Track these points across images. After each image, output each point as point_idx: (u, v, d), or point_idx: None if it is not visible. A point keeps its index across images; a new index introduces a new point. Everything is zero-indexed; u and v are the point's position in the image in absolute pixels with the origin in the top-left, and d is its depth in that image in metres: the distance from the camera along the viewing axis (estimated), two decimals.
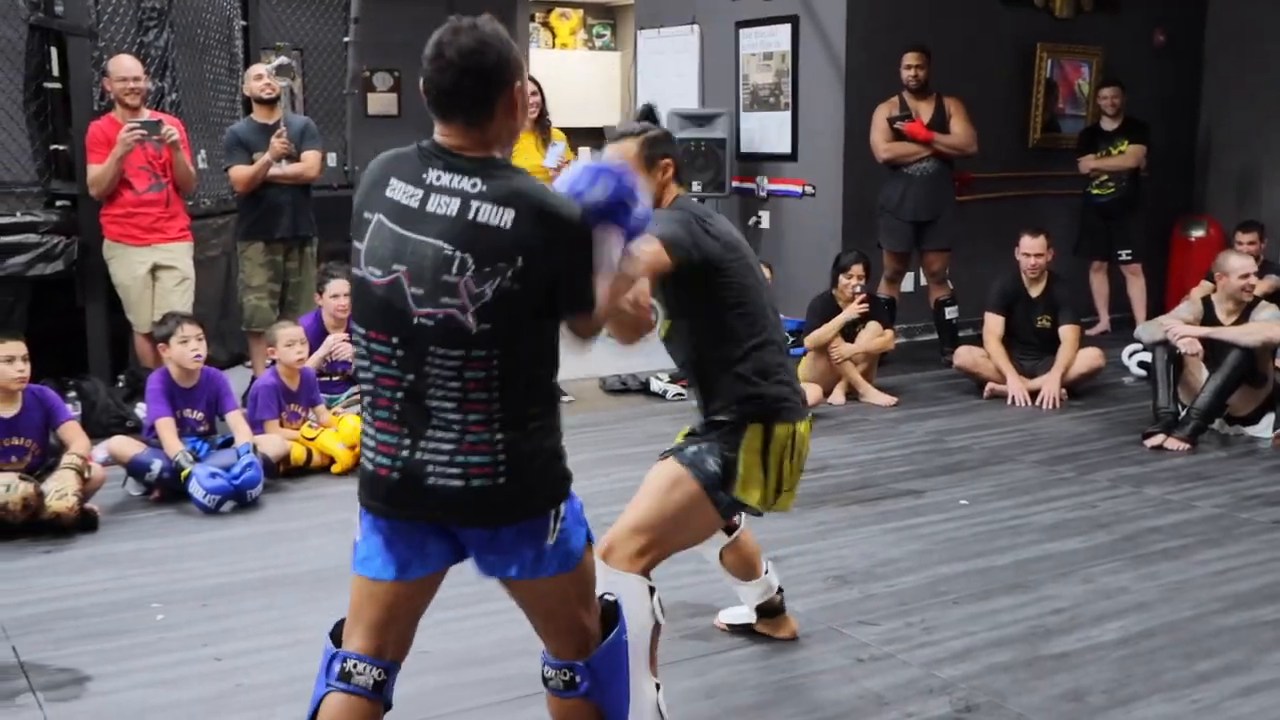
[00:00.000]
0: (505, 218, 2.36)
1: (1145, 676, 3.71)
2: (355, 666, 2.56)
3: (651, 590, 3.25)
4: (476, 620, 4.06)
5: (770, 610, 3.97)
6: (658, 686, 3.21)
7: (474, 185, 2.39)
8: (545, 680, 2.70)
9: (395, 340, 2.42)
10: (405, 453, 2.44)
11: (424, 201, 2.41)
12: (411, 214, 2.41)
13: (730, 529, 3.79)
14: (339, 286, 6.52)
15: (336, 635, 2.65)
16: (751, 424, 3.29)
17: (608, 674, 2.68)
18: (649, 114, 3.56)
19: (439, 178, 2.42)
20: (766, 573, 3.90)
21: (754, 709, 3.54)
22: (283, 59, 7.24)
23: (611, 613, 2.73)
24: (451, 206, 2.38)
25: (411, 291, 2.39)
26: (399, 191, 2.44)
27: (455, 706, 3.53)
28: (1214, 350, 6.47)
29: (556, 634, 2.66)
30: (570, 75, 13.96)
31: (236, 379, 6.72)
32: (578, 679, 2.65)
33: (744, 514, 3.68)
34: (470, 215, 2.37)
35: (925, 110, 8.23)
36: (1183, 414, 6.47)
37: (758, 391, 3.30)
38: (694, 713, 3.49)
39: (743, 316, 3.31)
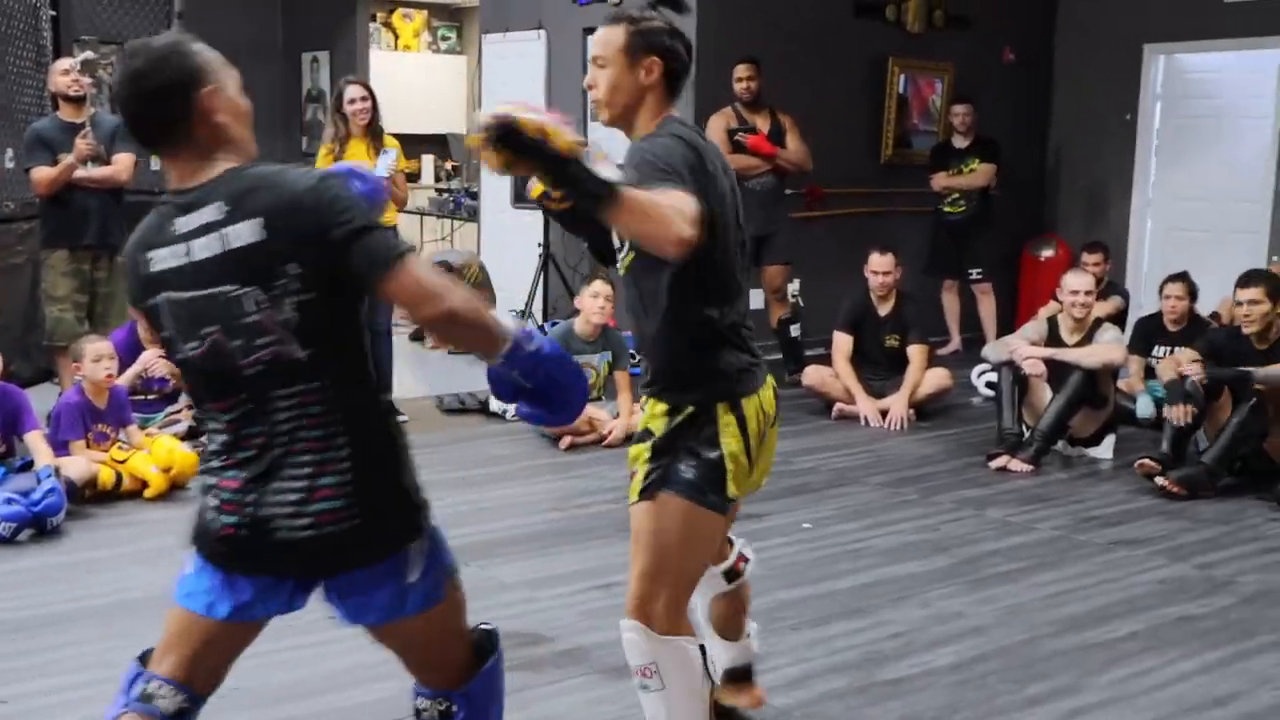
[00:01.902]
0: (255, 228, 2.28)
1: (976, 701, 3.84)
2: (159, 689, 2.48)
3: (702, 649, 3.06)
4: (300, 651, 4.02)
5: (739, 675, 3.65)
6: None
7: (218, 210, 2.31)
8: (419, 712, 2.66)
9: (238, 399, 2.38)
10: (250, 508, 2.37)
11: (189, 253, 2.33)
12: (188, 271, 2.33)
13: (732, 574, 3.49)
14: None
15: (145, 658, 2.57)
16: (719, 404, 2.96)
17: (484, 702, 2.67)
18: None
19: (187, 223, 2.34)
20: (749, 635, 3.64)
21: None
22: (88, 53, 7.08)
23: (485, 641, 2.69)
24: (213, 245, 2.31)
25: (232, 346, 2.33)
26: (165, 260, 2.36)
27: None
28: (1057, 371, 6.72)
29: (429, 668, 2.63)
30: (413, 79, 13.91)
31: (43, 397, 6.56)
32: (454, 708, 2.61)
33: (746, 564, 3.54)
34: (230, 244, 2.30)
35: (761, 123, 8.36)
36: (1027, 435, 6.71)
37: (717, 365, 2.98)
38: None
39: (723, 272, 2.98)
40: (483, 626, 2.72)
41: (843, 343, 7.70)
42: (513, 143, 2.50)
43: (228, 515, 2.40)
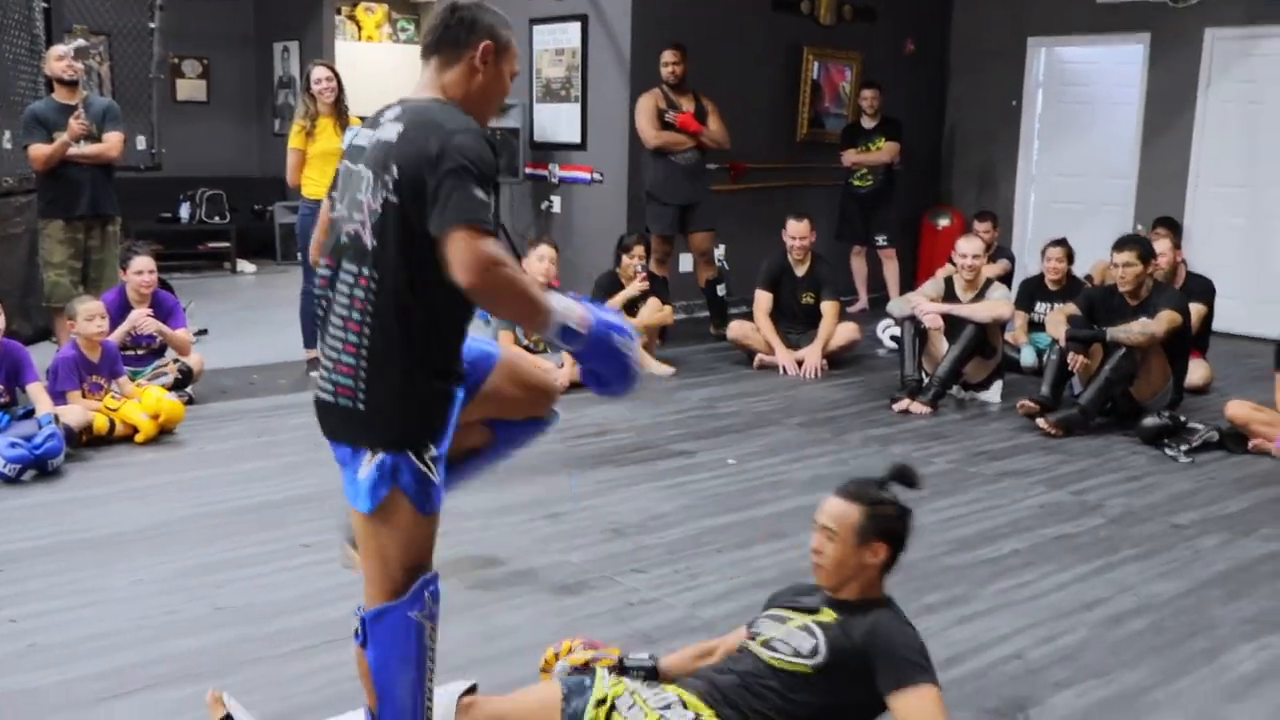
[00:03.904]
0: (395, 130, 2.42)
1: None
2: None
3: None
4: (283, 575, 4.04)
5: None
6: None
7: (396, 113, 2.48)
8: None
9: (324, 261, 2.53)
10: (317, 369, 2.57)
11: (371, 138, 2.50)
12: (357, 150, 2.52)
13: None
14: (142, 263, 6.31)
15: None
16: None
17: (383, 642, 2.50)
18: (904, 475, 2.90)
19: (386, 113, 2.52)
20: None
21: (531, 648, 3.53)
22: (80, 41, 6.94)
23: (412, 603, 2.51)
24: (381, 132, 2.47)
25: (340, 212, 2.50)
26: (360, 137, 2.54)
27: (249, 657, 3.45)
28: (953, 325, 6.79)
29: (364, 574, 2.56)
30: (376, 67, 13.67)
31: (42, 354, 6.43)
32: (359, 629, 2.52)
33: None
34: (381, 136, 2.46)
35: (686, 104, 8.34)
36: (926, 381, 6.77)
37: None
38: (469, 656, 3.48)
39: None
40: (425, 576, 2.52)
41: (763, 299, 7.72)
42: None
43: None
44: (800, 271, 7.72)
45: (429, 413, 2.47)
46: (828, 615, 2.81)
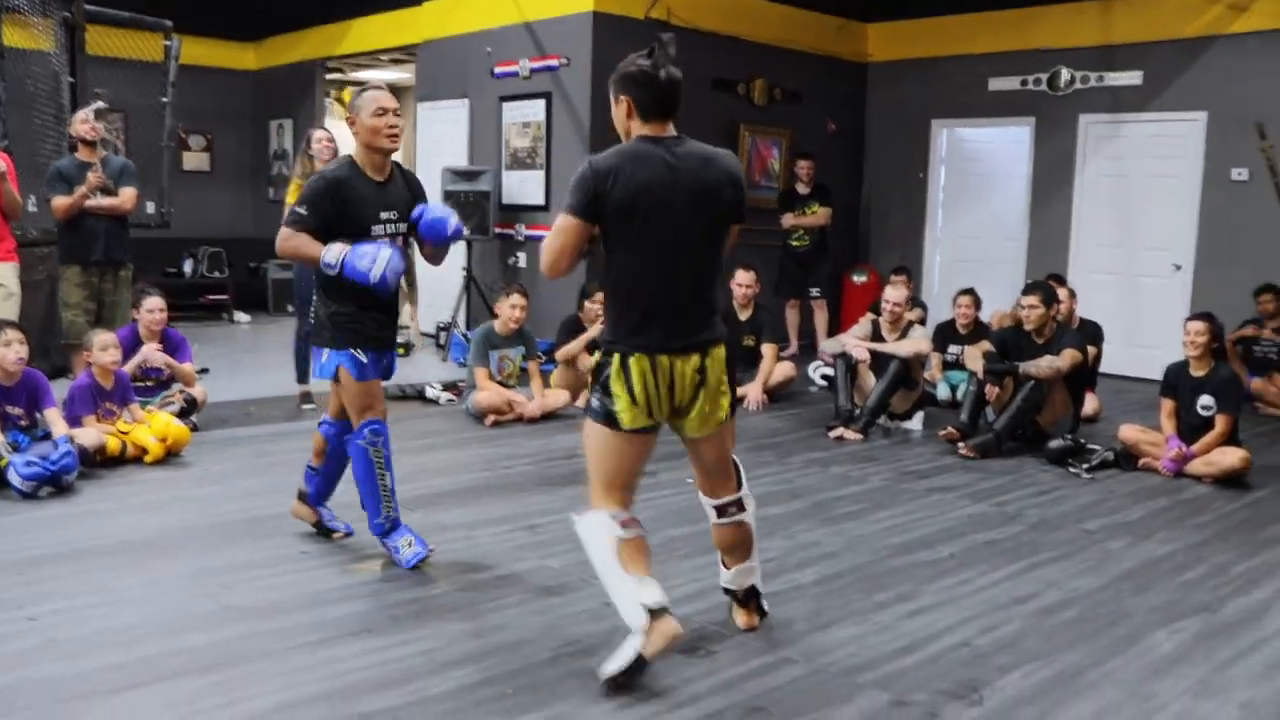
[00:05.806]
0: None
1: (837, 607, 3.73)
2: None
3: (612, 518, 3.20)
4: (284, 577, 3.79)
5: (732, 594, 3.63)
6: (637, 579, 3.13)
7: None
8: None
9: None
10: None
11: None
12: None
13: (720, 511, 3.54)
14: (154, 303, 6.05)
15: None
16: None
17: (354, 457, 3.94)
18: (659, 45, 3.12)
19: None
20: (740, 569, 3.57)
21: (518, 644, 3.36)
22: (100, 103, 6.71)
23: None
24: None
25: None
26: None
27: (258, 650, 3.21)
28: (880, 361, 6.69)
29: None
30: None
31: (59, 389, 6.13)
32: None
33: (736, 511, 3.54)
34: None
35: None
36: (857, 412, 6.65)
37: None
38: (464, 651, 3.28)
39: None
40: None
41: None
42: None
43: None
44: (743, 317, 7.59)
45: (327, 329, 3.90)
46: None
